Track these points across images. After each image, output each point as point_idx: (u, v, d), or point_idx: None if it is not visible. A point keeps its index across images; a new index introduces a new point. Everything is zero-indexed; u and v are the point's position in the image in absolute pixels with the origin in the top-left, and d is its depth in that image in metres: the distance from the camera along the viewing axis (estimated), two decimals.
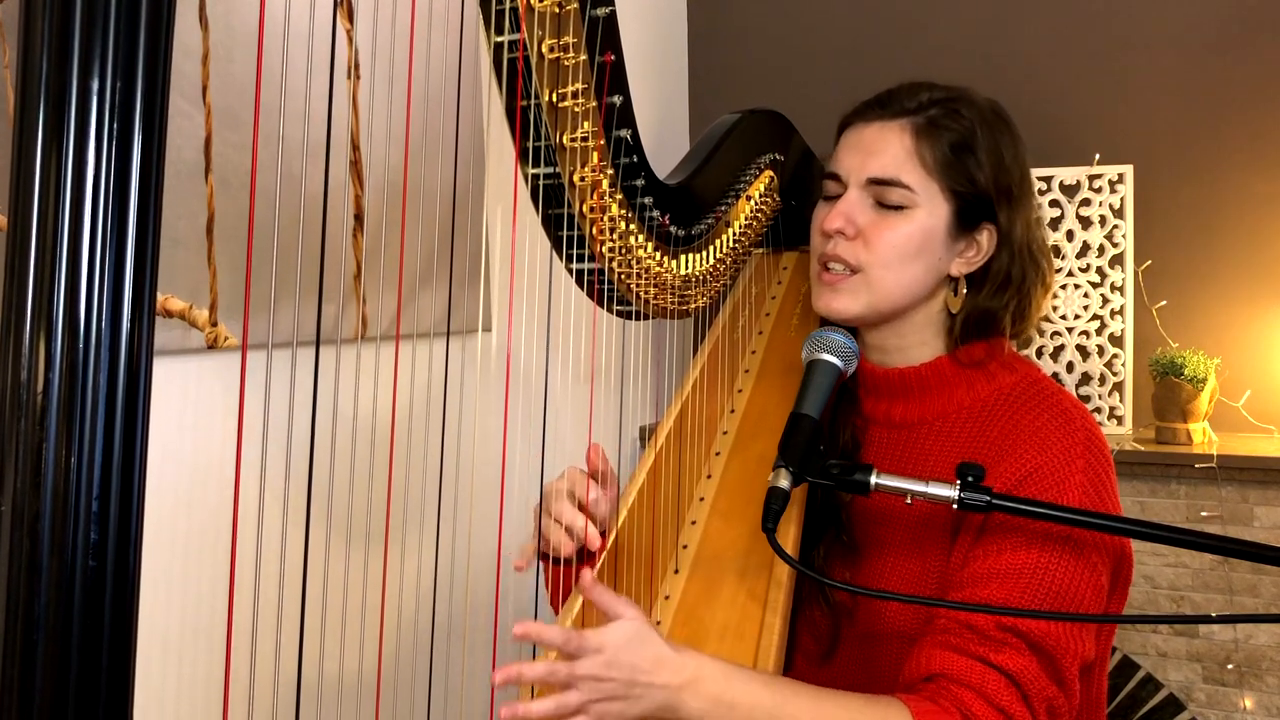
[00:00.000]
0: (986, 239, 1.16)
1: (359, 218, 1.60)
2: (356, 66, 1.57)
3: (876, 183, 1.14)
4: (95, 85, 0.53)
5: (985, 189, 1.14)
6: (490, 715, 1.18)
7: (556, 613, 1.22)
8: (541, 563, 1.23)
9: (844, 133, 1.20)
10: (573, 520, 1.14)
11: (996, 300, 1.16)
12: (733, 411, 1.35)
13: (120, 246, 0.55)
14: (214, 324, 1.44)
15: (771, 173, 1.50)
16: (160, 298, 1.36)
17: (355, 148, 1.59)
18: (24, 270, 0.54)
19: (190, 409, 1.43)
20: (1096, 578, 1.04)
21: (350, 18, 1.56)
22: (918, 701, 0.98)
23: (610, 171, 1.14)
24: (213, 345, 1.44)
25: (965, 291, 1.17)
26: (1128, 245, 2.21)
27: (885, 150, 1.14)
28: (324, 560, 0.85)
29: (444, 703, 1.23)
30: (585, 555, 1.18)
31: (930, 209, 1.13)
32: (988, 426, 1.13)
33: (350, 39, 1.57)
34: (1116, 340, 2.22)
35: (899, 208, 1.13)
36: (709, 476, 1.27)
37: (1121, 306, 2.22)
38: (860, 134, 1.17)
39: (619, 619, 0.93)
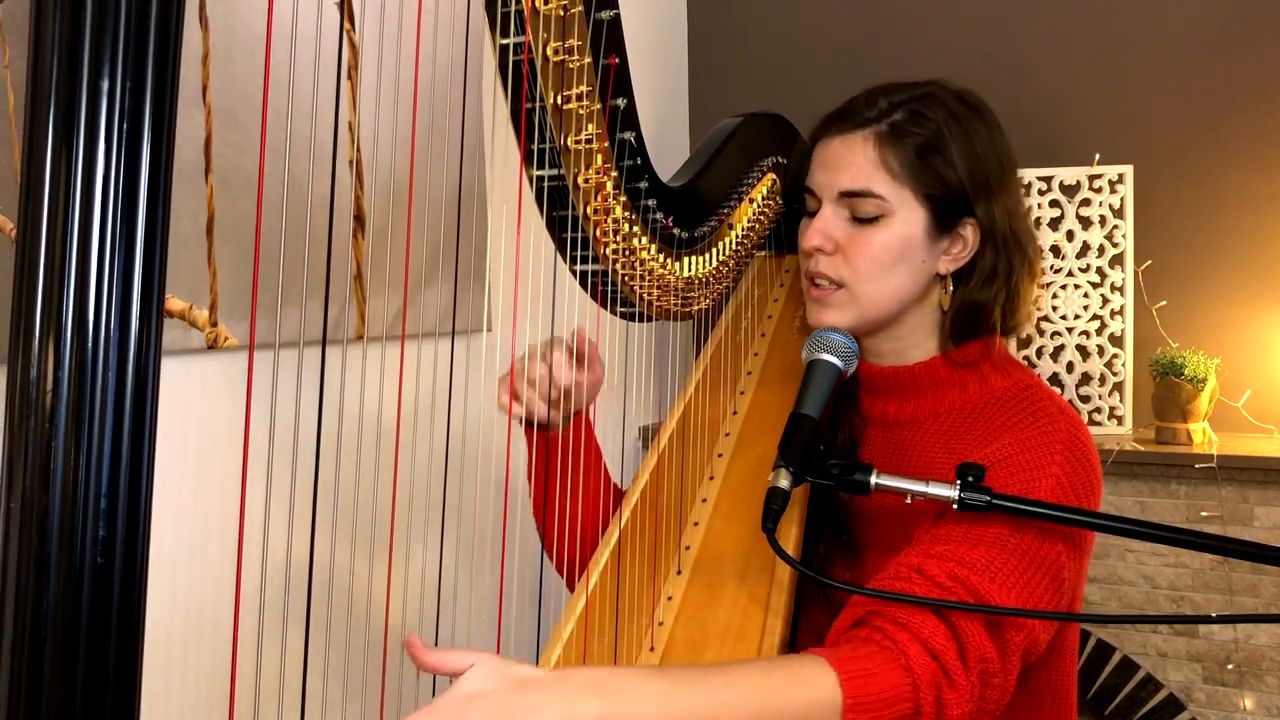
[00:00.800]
0: (971, 233, 1.15)
1: (359, 219, 1.61)
2: (351, 68, 1.57)
3: (848, 195, 1.14)
4: (105, 86, 0.53)
5: (959, 186, 1.13)
6: None
7: (530, 482, 1.25)
8: (525, 430, 1.28)
9: (815, 148, 1.20)
10: (551, 386, 1.20)
11: (984, 292, 1.15)
12: (735, 413, 1.35)
13: (129, 246, 0.55)
14: (214, 324, 1.44)
15: (774, 175, 1.50)
16: None
17: (356, 148, 1.59)
18: (33, 269, 0.54)
19: (194, 408, 1.43)
20: (1059, 565, 1.01)
21: (352, 20, 1.57)
22: (835, 650, 0.91)
23: (614, 174, 1.14)
24: (213, 345, 1.44)
25: (954, 288, 1.17)
26: (1128, 245, 2.22)
27: (851, 163, 1.14)
28: (329, 558, 0.85)
29: None
30: (565, 422, 1.25)
31: (905, 215, 1.13)
32: (973, 427, 1.13)
33: (351, 41, 1.58)
34: (1116, 340, 2.22)
35: (874, 219, 1.13)
36: (711, 477, 1.28)
37: (1121, 306, 2.22)
38: (827, 148, 1.17)
39: (469, 668, 0.80)
